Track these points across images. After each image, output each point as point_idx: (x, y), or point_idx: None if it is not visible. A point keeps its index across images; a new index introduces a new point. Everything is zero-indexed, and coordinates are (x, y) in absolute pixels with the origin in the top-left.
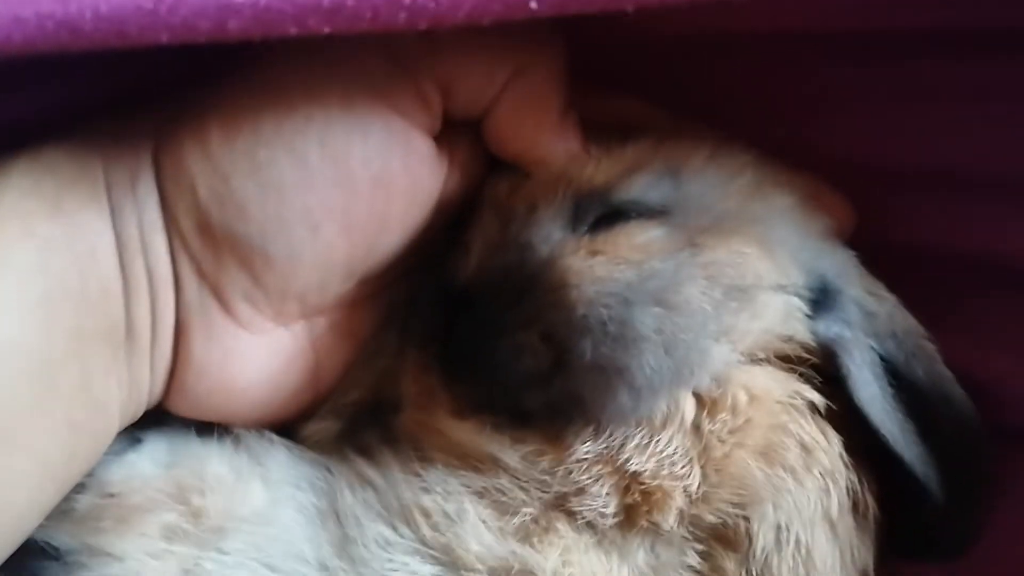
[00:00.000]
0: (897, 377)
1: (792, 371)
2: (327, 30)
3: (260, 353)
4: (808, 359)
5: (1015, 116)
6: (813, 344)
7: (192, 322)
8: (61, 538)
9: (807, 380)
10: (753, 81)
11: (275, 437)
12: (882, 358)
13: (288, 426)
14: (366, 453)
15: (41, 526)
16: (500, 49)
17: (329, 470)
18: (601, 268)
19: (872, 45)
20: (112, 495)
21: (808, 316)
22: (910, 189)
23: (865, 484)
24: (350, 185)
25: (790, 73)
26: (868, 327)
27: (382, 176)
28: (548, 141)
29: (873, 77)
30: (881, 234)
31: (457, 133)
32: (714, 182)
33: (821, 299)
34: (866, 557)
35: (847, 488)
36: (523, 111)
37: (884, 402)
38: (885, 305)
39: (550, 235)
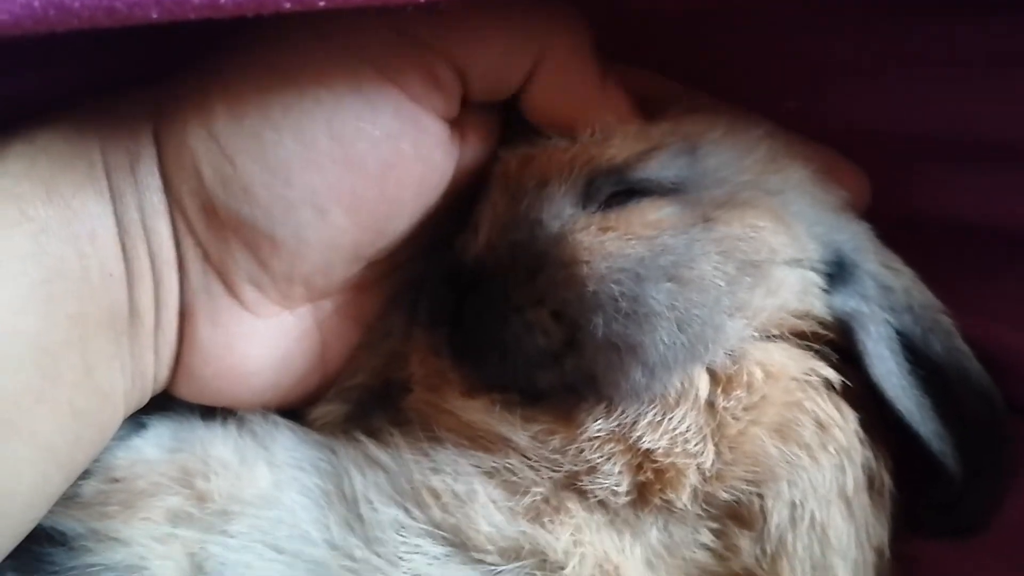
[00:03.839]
0: (914, 352)
1: (808, 347)
2: (322, 4)
3: (266, 337)
4: (824, 335)
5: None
6: (829, 319)
7: (197, 306)
8: (67, 524)
9: (823, 357)
10: (764, 53)
11: (280, 420)
12: (899, 333)
13: (294, 409)
14: (375, 435)
15: (48, 512)
16: (518, 32)
17: (334, 452)
18: (613, 244)
19: (883, 14)
20: (117, 480)
21: (824, 291)
22: (928, 159)
23: (881, 461)
24: (359, 168)
25: (801, 44)
26: (885, 301)
27: (392, 160)
28: (595, 111)
29: (886, 46)
30: (896, 206)
31: (470, 111)
32: (729, 156)
33: (837, 273)
34: (881, 534)
35: (863, 465)
36: (561, 91)
37: (900, 377)
38: (902, 279)
39: (561, 211)
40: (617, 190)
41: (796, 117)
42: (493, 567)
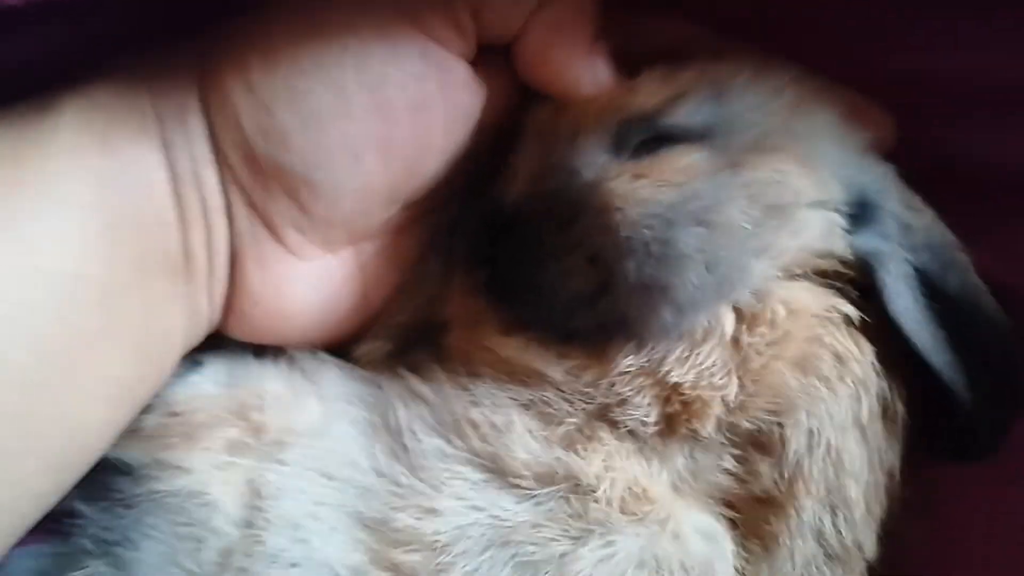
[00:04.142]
0: (931, 288)
1: (829, 285)
2: None
3: (311, 278)
4: (845, 273)
5: None
6: (850, 258)
7: (245, 250)
8: (131, 455)
9: (843, 294)
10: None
11: (327, 357)
12: (917, 270)
13: (339, 347)
14: (417, 370)
15: (113, 445)
16: None
17: (379, 387)
18: (645, 191)
19: None
20: (177, 414)
21: (847, 231)
22: (951, 104)
23: (896, 391)
24: (388, 112)
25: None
26: (905, 240)
27: (420, 102)
28: (577, 69)
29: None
30: (920, 148)
31: (493, 56)
32: (756, 101)
33: (860, 214)
34: (893, 459)
35: (878, 395)
36: (551, 38)
37: (917, 312)
38: (922, 218)
39: (594, 160)
40: (647, 137)
41: (822, 60)
42: (529, 491)
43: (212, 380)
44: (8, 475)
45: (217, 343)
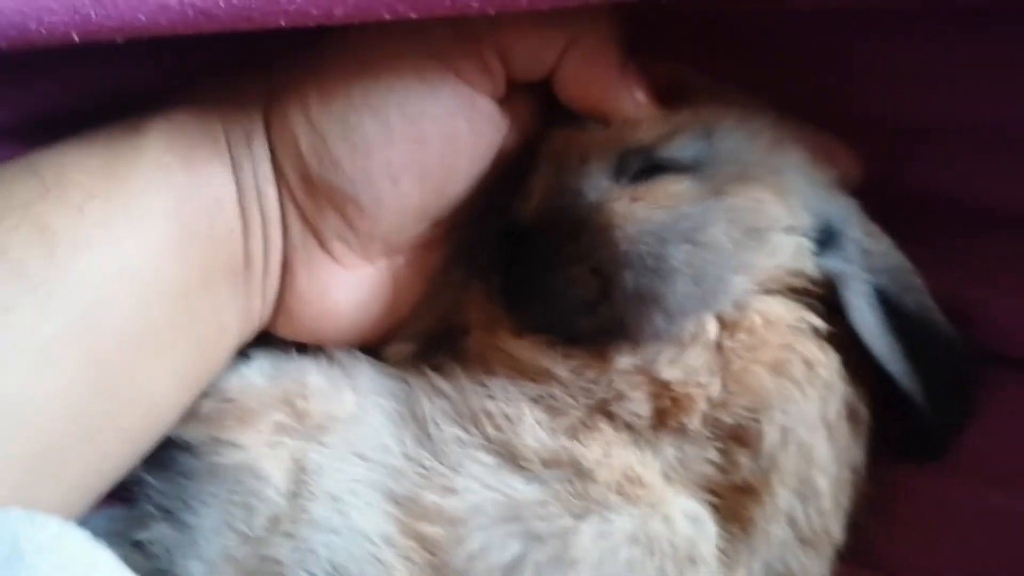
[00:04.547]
0: (889, 306)
1: (800, 301)
2: (413, 16)
3: (351, 285)
4: (813, 291)
5: (995, 76)
6: (818, 278)
7: (296, 259)
8: (191, 434)
9: (812, 308)
10: (778, 48)
11: (362, 355)
12: (877, 290)
13: (372, 348)
14: (439, 369)
15: (175, 425)
16: (552, 21)
17: (407, 382)
18: (641, 212)
19: (875, 18)
20: (231, 400)
21: (814, 254)
22: (910, 142)
23: (860, 396)
24: (423, 142)
25: (811, 43)
26: (865, 263)
27: (450, 134)
28: (616, 98)
29: (876, 48)
30: (884, 183)
31: (517, 93)
32: (740, 141)
33: (826, 239)
34: (858, 456)
35: (843, 399)
36: (585, 74)
37: (877, 327)
38: (881, 245)
39: (598, 183)
40: (645, 166)
41: (802, 103)
42: (537, 474)
43: (259, 372)
44: (92, 444)
45: (266, 341)
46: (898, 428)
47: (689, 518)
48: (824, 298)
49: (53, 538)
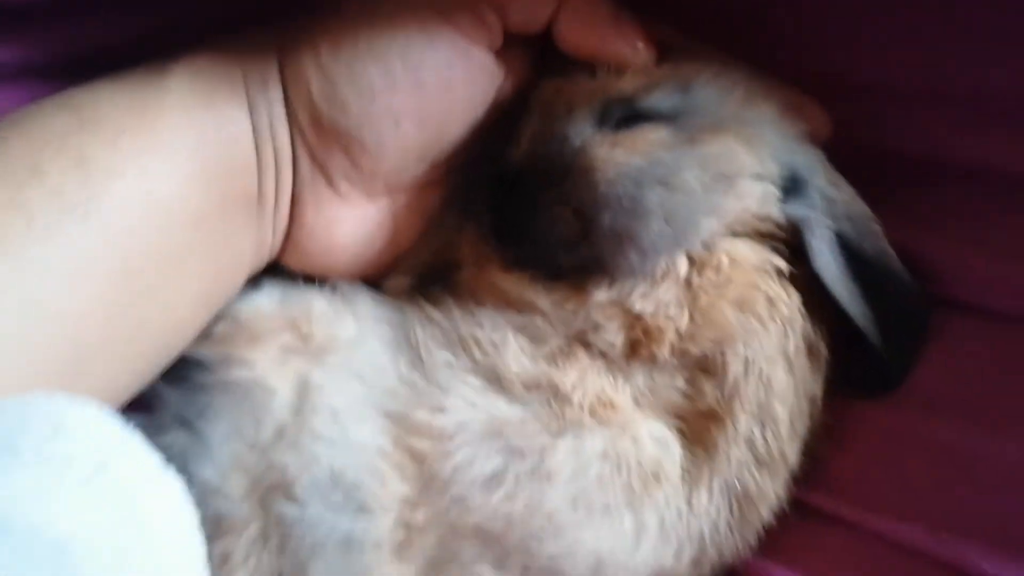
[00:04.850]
0: (849, 251)
1: (765, 243)
2: None
3: (355, 221)
4: (779, 234)
5: (955, 37)
6: (783, 222)
7: (305, 195)
8: (206, 353)
9: (777, 251)
10: (749, 10)
11: (362, 286)
12: (838, 235)
13: (371, 281)
14: (433, 301)
15: (191, 344)
16: None
17: (402, 312)
18: (620, 157)
19: None
20: (242, 323)
21: (780, 200)
22: (874, 100)
23: (819, 333)
24: (423, 89)
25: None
26: (828, 210)
27: (448, 82)
28: (613, 47)
29: (841, 8)
30: (848, 137)
31: (513, 45)
32: (715, 94)
33: (792, 187)
34: (815, 387)
35: (803, 334)
36: (580, 25)
37: (837, 269)
38: (844, 194)
39: (583, 130)
40: (626, 115)
41: (777, 61)
42: (518, 395)
43: (269, 298)
44: (120, 352)
45: (275, 272)
46: (854, 364)
47: (656, 439)
48: (788, 242)
49: (94, 416)
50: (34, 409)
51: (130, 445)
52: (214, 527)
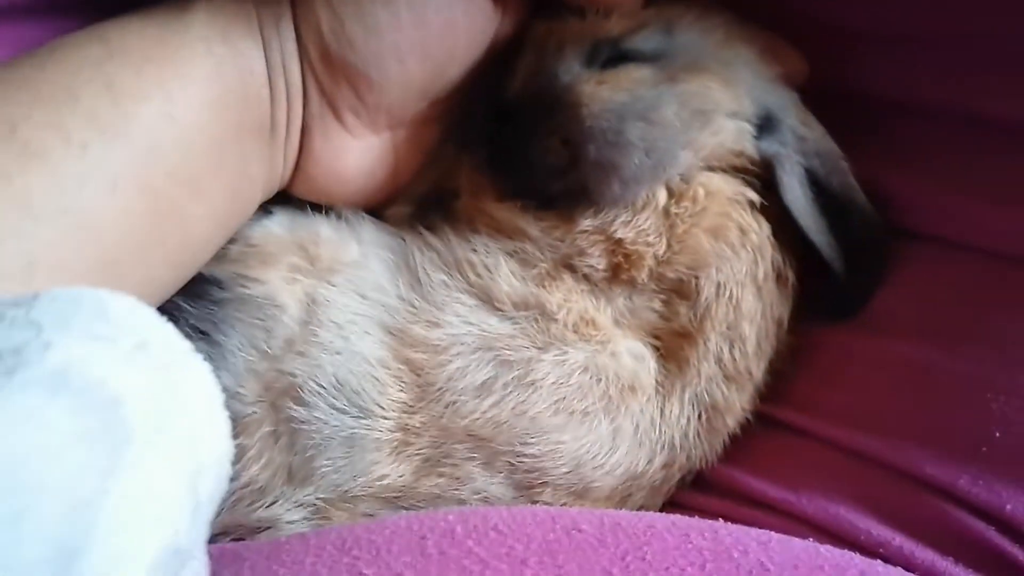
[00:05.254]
0: (818, 186)
1: (739, 177)
2: None
3: (359, 152)
4: (752, 169)
5: None
6: (756, 158)
7: (314, 126)
8: (221, 272)
9: (750, 184)
10: None
11: (365, 214)
12: (807, 171)
13: (373, 211)
14: (431, 228)
15: (207, 263)
16: None
17: (402, 238)
18: (605, 93)
19: None
20: (254, 245)
21: (754, 137)
22: (844, 43)
23: (788, 262)
24: (427, 29)
25: None
26: (799, 147)
27: (450, 23)
28: None
29: None
30: (823, 78)
31: None
32: (696, 36)
33: (765, 125)
34: (783, 311)
35: (772, 262)
36: None
37: (805, 202)
38: (814, 132)
39: (572, 68)
40: (613, 55)
41: (752, 6)
42: (508, 313)
43: (279, 223)
44: (145, 262)
45: (285, 201)
46: (821, 290)
47: (633, 355)
48: (761, 176)
49: (134, 304)
50: (82, 296)
51: (165, 329)
52: (231, 426)
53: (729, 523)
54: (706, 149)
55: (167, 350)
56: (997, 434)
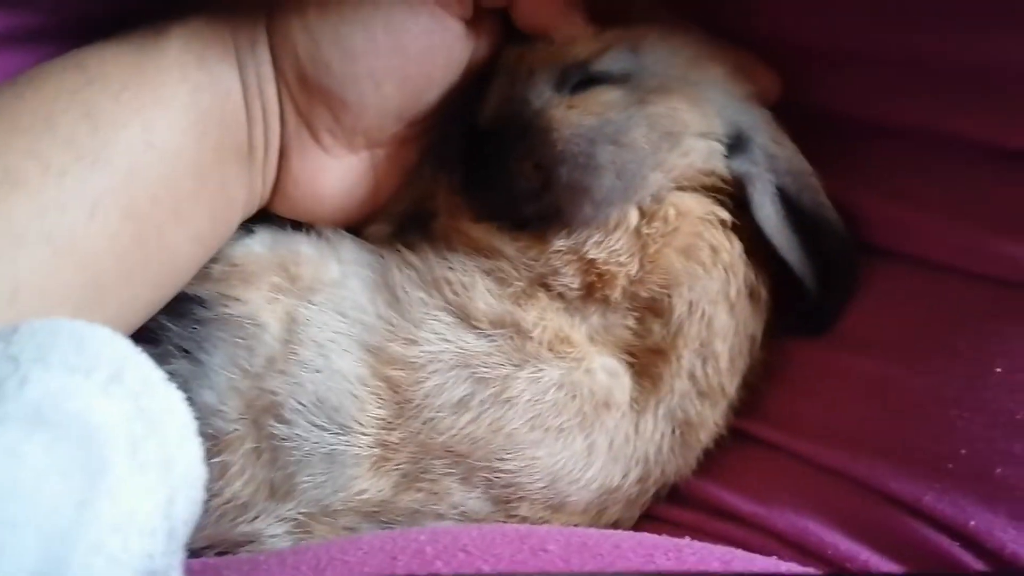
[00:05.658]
0: (789, 204)
1: (711, 196)
2: None
3: (338, 172)
4: (724, 188)
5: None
6: (728, 177)
7: (292, 146)
8: (204, 291)
9: (722, 203)
10: None
11: (345, 233)
12: (779, 189)
13: (354, 228)
14: (410, 246)
15: (190, 283)
16: None
17: (382, 256)
18: (575, 117)
19: None
20: (236, 265)
21: (725, 156)
22: (814, 63)
23: (760, 278)
24: (404, 54)
25: None
26: (770, 166)
27: (427, 49)
28: (560, 22)
29: None
30: (796, 97)
31: (485, 17)
32: (663, 55)
33: (736, 144)
34: (755, 328)
35: (744, 280)
36: (535, 5)
37: (777, 220)
38: (785, 150)
39: (543, 93)
40: (582, 79)
41: (732, 25)
42: (485, 331)
43: (260, 242)
44: (128, 285)
45: (266, 219)
46: (793, 306)
47: (608, 372)
48: (733, 195)
49: (109, 336)
50: (60, 329)
51: (139, 359)
52: (214, 443)
53: (694, 541)
54: (676, 170)
55: (141, 379)
56: (962, 451)
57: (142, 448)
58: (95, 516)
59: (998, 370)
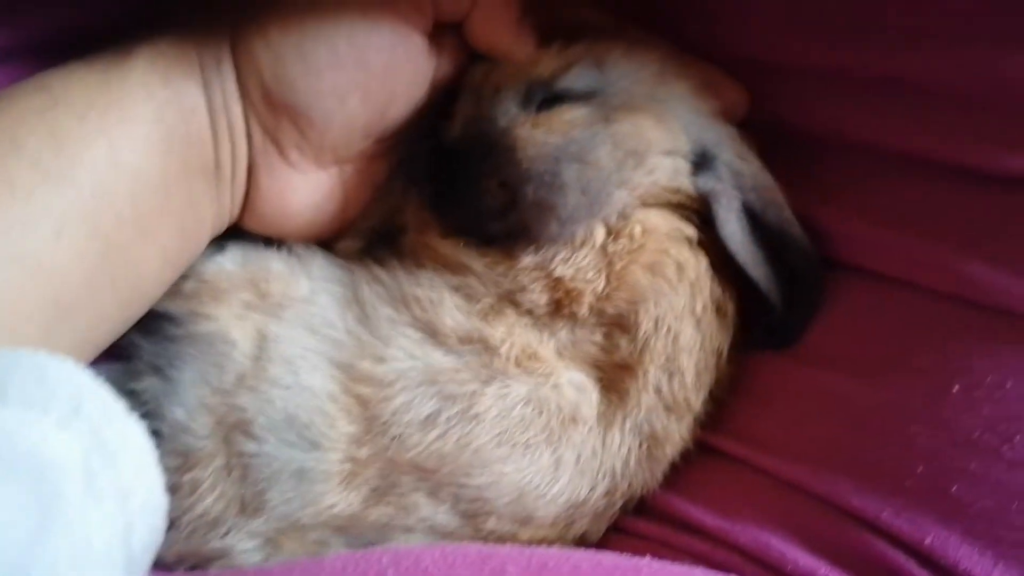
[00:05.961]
0: (755, 219)
1: (677, 213)
2: None
3: (306, 187)
4: (689, 205)
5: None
6: (694, 194)
7: (259, 163)
8: (175, 308)
9: (688, 220)
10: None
11: (316, 248)
12: (744, 205)
13: (324, 243)
14: (379, 262)
15: (160, 300)
16: None
17: (351, 272)
18: (540, 136)
19: None
20: (206, 281)
21: (691, 173)
22: (777, 80)
23: (727, 293)
24: (367, 68)
25: None
26: (735, 182)
27: (390, 63)
28: (509, 42)
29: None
30: (762, 113)
31: (447, 33)
32: (627, 72)
33: (701, 161)
34: (721, 342)
35: (710, 295)
36: (489, 20)
37: (743, 236)
38: (750, 167)
39: (508, 112)
40: (547, 96)
41: (697, 40)
42: (452, 348)
43: (231, 259)
44: (95, 304)
45: (236, 235)
46: (759, 321)
47: (575, 387)
48: (699, 211)
49: (70, 368)
50: (20, 360)
51: (100, 392)
52: (184, 460)
53: (654, 560)
54: (641, 187)
55: (101, 411)
56: (920, 468)
57: (98, 479)
58: (51, 548)
59: (956, 388)
